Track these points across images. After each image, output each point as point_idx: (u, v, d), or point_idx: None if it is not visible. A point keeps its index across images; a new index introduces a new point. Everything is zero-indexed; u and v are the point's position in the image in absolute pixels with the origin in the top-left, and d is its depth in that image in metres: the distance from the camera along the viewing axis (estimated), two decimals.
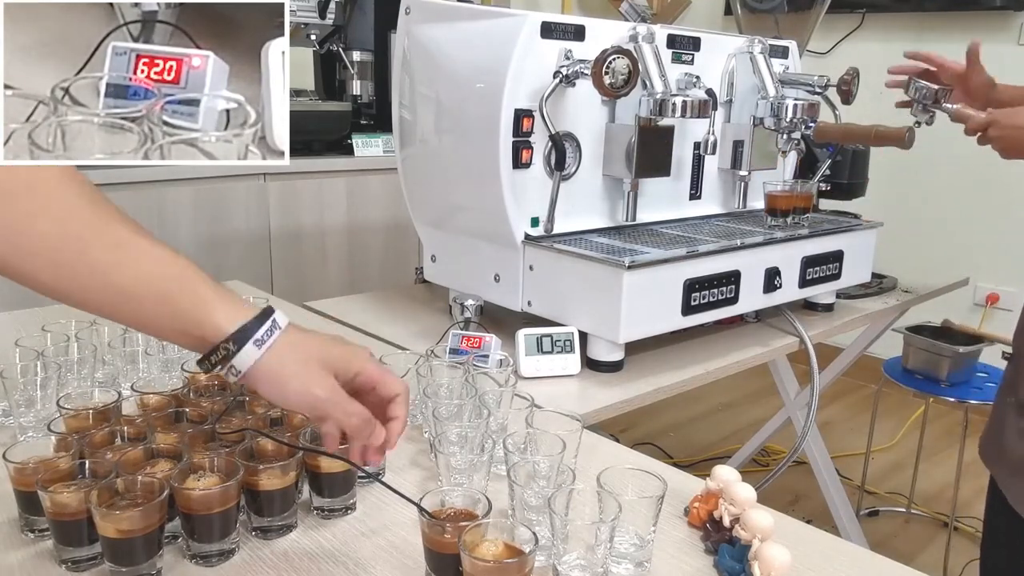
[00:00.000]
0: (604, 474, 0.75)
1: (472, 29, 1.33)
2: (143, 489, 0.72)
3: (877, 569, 0.80)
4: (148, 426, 0.84)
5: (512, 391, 0.98)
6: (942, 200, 3.19)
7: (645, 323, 1.24)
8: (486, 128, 1.27)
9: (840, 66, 1.58)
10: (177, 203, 2.27)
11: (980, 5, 3.01)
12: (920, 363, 2.19)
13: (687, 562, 0.78)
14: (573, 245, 1.27)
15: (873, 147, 1.68)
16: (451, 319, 1.39)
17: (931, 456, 2.73)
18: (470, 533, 0.66)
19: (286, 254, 2.50)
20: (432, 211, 1.50)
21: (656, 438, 2.90)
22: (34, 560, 0.75)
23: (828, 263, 1.51)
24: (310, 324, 1.44)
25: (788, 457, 1.51)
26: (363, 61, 2.71)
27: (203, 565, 0.75)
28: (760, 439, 2.45)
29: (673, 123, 1.36)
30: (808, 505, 2.45)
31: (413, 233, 1.56)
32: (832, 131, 1.47)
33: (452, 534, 0.67)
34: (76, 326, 1.11)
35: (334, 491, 0.82)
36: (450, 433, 0.87)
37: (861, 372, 2.78)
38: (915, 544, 2.38)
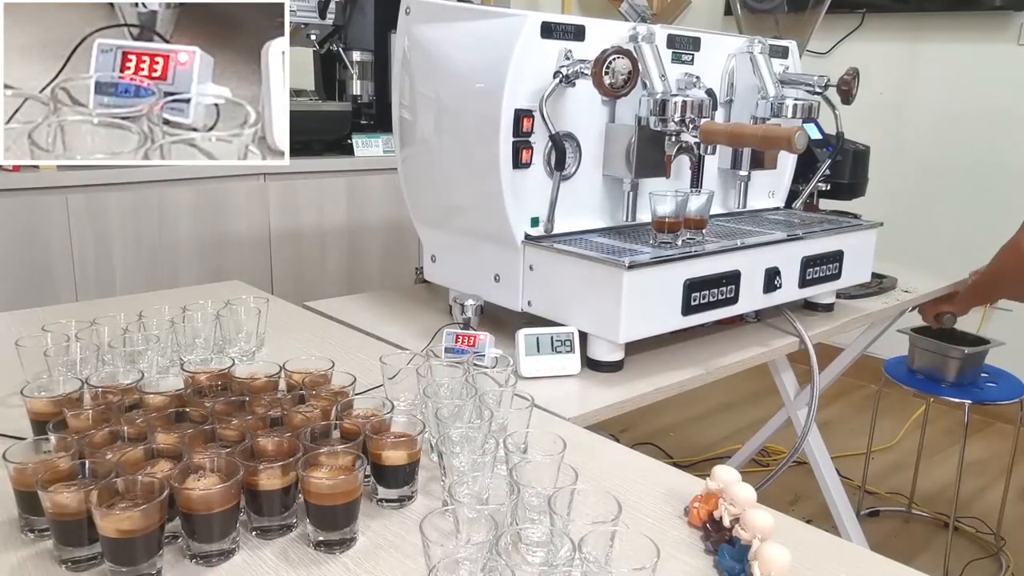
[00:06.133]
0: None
1: (472, 29, 1.34)
2: (143, 489, 0.72)
3: (877, 569, 0.80)
4: (148, 426, 0.84)
5: (512, 391, 0.98)
6: (942, 200, 3.19)
7: (645, 323, 1.24)
8: (486, 128, 1.27)
9: (840, 66, 1.58)
10: (177, 203, 2.27)
11: (980, 5, 3.01)
12: (926, 364, 2.20)
13: (687, 562, 0.78)
14: (573, 245, 1.27)
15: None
16: (451, 319, 1.39)
17: (931, 456, 2.73)
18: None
19: (286, 254, 2.50)
20: (432, 211, 1.50)
21: (656, 438, 2.90)
22: (34, 560, 0.75)
23: (828, 263, 1.51)
24: (310, 324, 1.45)
25: (788, 457, 1.51)
26: (363, 61, 2.72)
27: (203, 565, 0.75)
28: (760, 439, 2.45)
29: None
30: (808, 505, 2.45)
31: (413, 233, 1.56)
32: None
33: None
34: (76, 326, 1.11)
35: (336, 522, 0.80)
36: (453, 433, 0.87)
37: (861, 372, 2.79)
38: (915, 544, 2.38)
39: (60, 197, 2.08)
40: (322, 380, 0.99)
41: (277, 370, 1.01)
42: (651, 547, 0.65)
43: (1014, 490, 2.46)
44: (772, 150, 1.57)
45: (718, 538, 0.79)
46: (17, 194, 2.02)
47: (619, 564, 0.66)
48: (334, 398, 0.94)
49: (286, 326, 1.40)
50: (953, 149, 3.14)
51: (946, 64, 3.13)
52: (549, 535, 0.71)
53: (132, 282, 2.21)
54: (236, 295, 1.32)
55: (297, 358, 1.03)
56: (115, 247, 2.18)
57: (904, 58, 3.24)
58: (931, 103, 3.18)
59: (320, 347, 1.31)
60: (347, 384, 0.97)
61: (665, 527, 0.84)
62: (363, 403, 0.94)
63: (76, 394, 0.92)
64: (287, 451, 0.80)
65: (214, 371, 1.00)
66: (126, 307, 1.23)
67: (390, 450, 0.85)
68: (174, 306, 1.22)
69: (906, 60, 3.23)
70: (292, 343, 1.32)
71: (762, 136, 1.30)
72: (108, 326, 1.13)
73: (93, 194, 2.12)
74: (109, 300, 1.73)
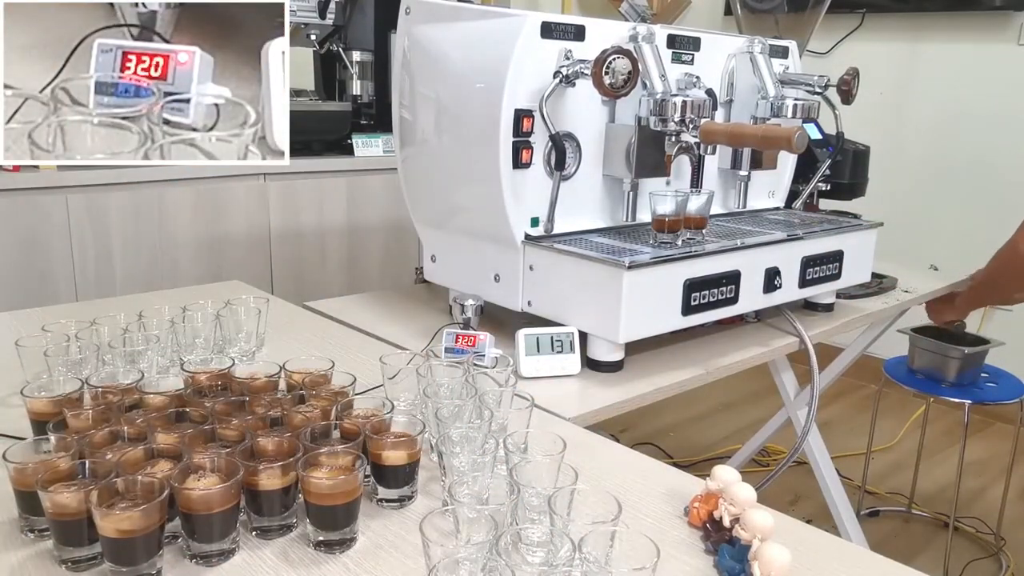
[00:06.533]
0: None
1: (472, 29, 1.34)
2: (143, 489, 0.72)
3: (877, 569, 0.80)
4: (148, 426, 0.84)
5: (512, 391, 0.98)
6: (942, 200, 3.19)
7: (645, 323, 1.24)
8: (486, 128, 1.27)
9: (840, 66, 1.58)
10: (177, 203, 2.27)
11: (980, 5, 3.01)
12: (926, 364, 2.20)
13: (687, 562, 0.78)
14: (573, 245, 1.27)
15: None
16: (451, 319, 1.39)
17: (931, 456, 2.73)
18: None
19: (286, 254, 2.50)
20: (432, 211, 1.50)
21: (656, 438, 2.90)
22: (34, 560, 0.75)
23: (828, 263, 1.51)
24: (310, 324, 1.45)
25: (788, 457, 1.51)
26: (363, 61, 2.72)
27: (203, 565, 0.75)
28: (760, 439, 2.45)
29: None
30: (808, 505, 2.45)
31: (413, 233, 1.56)
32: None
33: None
34: (76, 326, 1.11)
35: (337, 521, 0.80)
36: (453, 433, 0.87)
37: (861, 372, 2.79)
38: (915, 544, 2.38)
39: (60, 197, 2.08)
40: (322, 380, 0.99)
41: (277, 370, 1.01)
42: (651, 547, 0.65)
43: (1014, 490, 2.46)
44: (772, 150, 1.56)
45: (718, 538, 0.79)
46: (17, 194, 2.02)
47: (619, 564, 0.66)
48: (334, 398, 0.94)
49: (286, 326, 1.40)
50: (953, 149, 3.14)
51: (946, 64, 3.13)
52: (549, 535, 0.71)
53: (132, 282, 2.21)
54: (236, 295, 1.32)
55: (297, 358, 1.03)
56: (115, 247, 2.18)
57: (904, 58, 3.24)
58: (931, 103, 3.18)
59: (320, 347, 1.31)
60: (347, 384, 0.97)
61: (665, 527, 0.84)
62: (363, 403, 0.94)
63: (76, 394, 0.93)
64: (287, 451, 0.80)
65: (214, 371, 1.00)
66: (126, 307, 1.23)
67: (390, 450, 0.85)
68: (174, 306, 1.22)
69: (906, 60, 3.23)
70: (292, 343, 1.32)
71: (762, 136, 1.30)
72: (108, 326, 1.13)
73: (93, 194, 2.12)
74: (109, 300, 1.73)
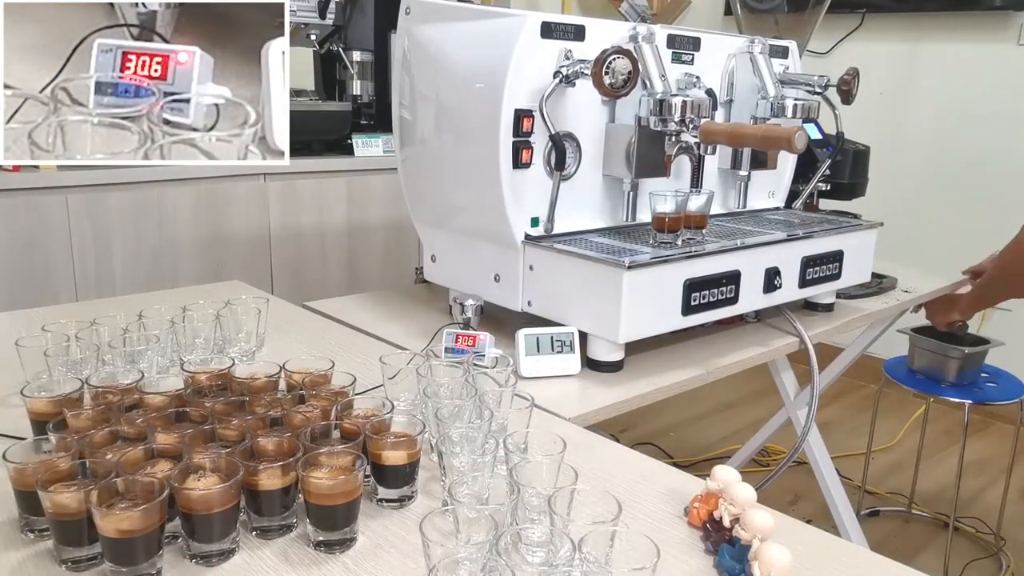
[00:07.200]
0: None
1: (472, 29, 1.34)
2: (143, 489, 0.72)
3: (877, 569, 0.80)
4: (148, 426, 0.84)
5: (512, 391, 0.98)
6: (942, 200, 3.19)
7: (645, 323, 1.24)
8: (486, 128, 1.27)
9: (840, 66, 1.58)
10: (177, 203, 2.28)
11: (980, 5, 3.01)
12: (926, 364, 2.20)
13: (687, 562, 0.78)
14: (573, 245, 1.27)
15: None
16: (451, 319, 1.39)
17: (931, 456, 2.73)
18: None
19: (286, 254, 2.50)
20: (432, 211, 1.50)
21: (656, 438, 2.90)
22: (34, 560, 0.75)
23: (828, 263, 1.51)
24: (310, 324, 1.45)
25: (788, 457, 1.51)
26: (363, 61, 2.72)
27: (203, 565, 0.75)
28: (760, 439, 2.45)
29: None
30: (808, 505, 2.45)
31: (413, 233, 1.56)
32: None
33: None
34: (76, 326, 1.11)
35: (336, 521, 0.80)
36: (453, 433, 0.87)
37: (861, 372, 2.79)
38: (915, 544, 2.38)
39: (60, 197, 2.08)
40: (322, 380, 0.99)
41: (277, 370, 1.01)
42: (651, 547, 0.65)
43: (1014, 490, 2.46)
44: (772, 150, 1.56)
45: (718, 538, 0.79)
46: (17, 194, 2.02)
47: (619, 564, 0.66)
48: (334, 398, 0.94)
49: (286, 326, 1.40)
50: (953, 149, 3.14)
51: (946, 64, 3.13)
52: (549, 535, 0.71)
53: (132, 282, 2.21)
54: (236, 295, 1.32)
55: (297, 358, 1.03)
56: (115, 247, 2.18)
57: (904, 58, 3.24)
58: (931, 103, 3.18)
59: (320, 347, 1.31)
60: (347, 384, 0.97)
61: (665, 527, 0.84)
62: (363, 403, 0.94)
63: (76, 394, 0.93)
64: (287, 451, 0.80)
65: (214, 371, 1.00)
66: (126, 307, 1.23)
67: (390, 450, 0.85)
68: (174, 306, 1.22)
69: (906, 60, 3.23)
70: (292, 343, 1.32)
71: (762, 136, 1.30)
72: (108, 326, 1.13)
73: (93, 194, 2.12)
74: (109, 300, 1.73)
